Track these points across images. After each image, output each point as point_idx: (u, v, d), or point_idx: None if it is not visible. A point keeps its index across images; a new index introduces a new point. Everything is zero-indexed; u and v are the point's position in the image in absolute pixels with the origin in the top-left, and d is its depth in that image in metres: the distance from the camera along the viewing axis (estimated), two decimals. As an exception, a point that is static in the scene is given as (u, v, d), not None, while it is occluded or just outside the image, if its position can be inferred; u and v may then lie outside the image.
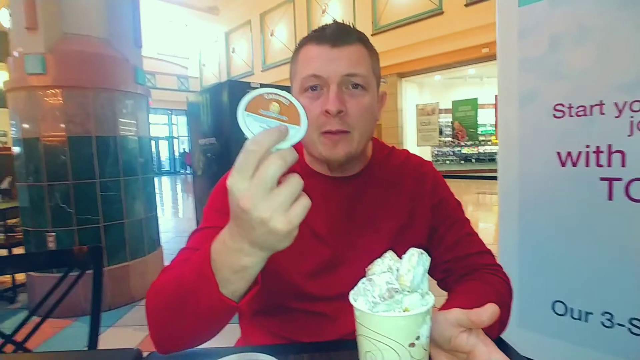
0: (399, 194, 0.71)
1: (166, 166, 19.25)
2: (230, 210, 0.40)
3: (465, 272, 0.68)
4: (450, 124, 12.28)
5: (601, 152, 1.21)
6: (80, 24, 2.46)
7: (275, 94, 0.39)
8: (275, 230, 0.37)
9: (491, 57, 7.52)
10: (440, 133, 11.78)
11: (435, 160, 13.31)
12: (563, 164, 1.29)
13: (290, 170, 0.38)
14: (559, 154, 1.30)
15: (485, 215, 5.84)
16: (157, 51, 16.19)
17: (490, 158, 12.85)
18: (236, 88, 3.45)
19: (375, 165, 0.73)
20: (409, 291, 0.40)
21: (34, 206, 2.40)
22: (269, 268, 0.45)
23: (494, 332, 0.55)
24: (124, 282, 2.60)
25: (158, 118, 17.90)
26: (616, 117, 1.17)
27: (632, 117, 1.14)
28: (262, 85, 3.51)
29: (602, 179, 1.21)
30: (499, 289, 0.63)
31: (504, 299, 0.63)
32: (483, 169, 11.66)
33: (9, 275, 2.71)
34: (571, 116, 1.27)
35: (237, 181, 0.37)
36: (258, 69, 14.23)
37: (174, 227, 5.62)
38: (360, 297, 0.41)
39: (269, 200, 0.37)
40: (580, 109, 1.24)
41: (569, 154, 1.28)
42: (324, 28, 0.65)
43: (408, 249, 0.43)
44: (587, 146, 1.24)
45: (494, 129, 12.94)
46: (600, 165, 1.21)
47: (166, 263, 3.05)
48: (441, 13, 8.85)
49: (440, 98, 11.76)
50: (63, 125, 2.36)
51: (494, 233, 4.32)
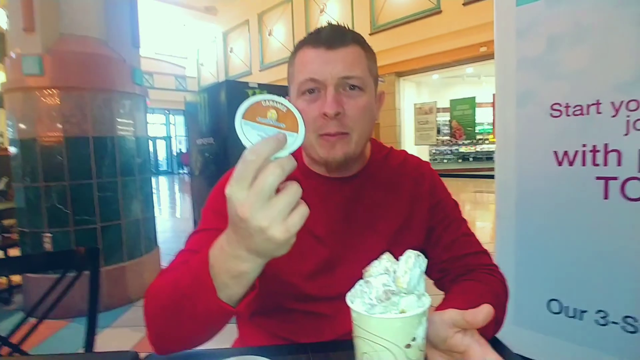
0: (398, 195, 0.71)
1: (164, 166, 19.23)
2: (229, 218, 0.41)
3: (462, 272, 0.68)
4: (448, 123, 12.31)
5: (597, 151, 1.21)
6: (77, 24, 2.45)
7: (273, 101, 0.39)
8: (274, 238, 0.38)
9: (489, 56, 7.53)
10: (438, 132, 11.80)
11: (433, 159, 13.33)
12: (560, 163, 1.30)
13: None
14: (555, 153, 1.31)
15: (482, 214, 5.86)
16: (155, 51, 16.14)
17: (488, 157, 12.86)
18: (234, 88, 3.44)
19: (373, 166, 0.73)
20: (405, 293, 0.40)
21: (30, 207, 2.39)
22: (267, 269, 0.45)
23: (490, 332, 0.56)
24: (121, 283, 2.59)
25: (156, 118, 17.87)
26: (612, 117, 1.18)
27: (629, 117, 1.15)
28: (260, 85, 3.50)
29: (598, 178, 1.22)
30: (495, 289, 0.64)
31: (500, 299, 0.63)
32: (480, 167, 11.67)
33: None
34: (568, 115, 1.27)
35: (236, 190, 0.38)
36: (256, 68, 14.21)
37: (171, 227, 5.61)
38: (357, 299, 0.41)
39: (267, 209, 0.37)
40: (577, 108, 1.25)
41: (566, 153, 1.28)
42: (319, 31, 0.65)
43: (405, 251, 0.43)
44: (584, 145, 1.24)
45: (492, 128, 12.98)
46: (597, 165, 1.22)
47: (163, 263, 3.04)
48: (439, 12, 8.85)
49: (438, 97, 11.78)
50: (60, 126, 2.35)
51: (491, 232, 4.33)
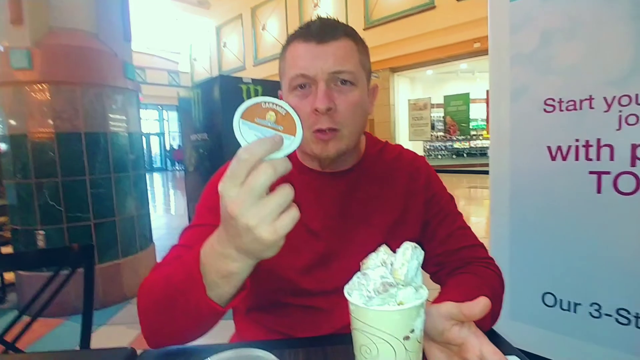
0: (393, 188, 0.71)
1: (157, 162, 19.08)
2: (221, 215, 0.41)
3: (458, 266, 0.69)
4: (442, 119, 12.36)
5: (590, 146, 1.23)
6: (67, 17, 2.40)
7: (273, 103, 0.39)
8: (261, 238, 0.38)
9: (483, 52, 7.56)
10: (432, 128, 11.85)
11: (428, 155, 13.39)
12: (553, 158, 1.31)
13: None
14: (549, 148, 1.32)
15: (477, 209, 5.91)
16: (147, 46, 15.94)
17: (482, 152, 12.97)
18: (228, 83, 3.41)
19: (368, 160, 0.73)
20: (403, 285, 0.40)
21: (22, 204, 2.36)
22: (263, 264, 0.45)
23: (487, 325, 0.56)
24: (116, 280, 2.58)
25: (149, 114, 17.68)
26: (605, 112, 1.19)
27: (621, 112, 1.16)
28: (254, 80, 3.48)
29: (591, 172, 1.23)
30: (491, 282, 0.64)
31: (496, 292, 0.64)
32: (474, 163, 11.77)
33: (-3, 275, 2.66)
34: (561, 110, 1.28)
35: (228, 187, 0.38)
36: (250, 63, 14.10)
37: (165, 224, 5.58)
38: (354, 292, 0.41)
39: (257, 208, 0.37)
40: (570, 103, 1.26)
41: (559, 148, 1.29)
42: (309, 24, 0.64)
43: (402, 243, 0.43)
44: (577, 140, 1.25)
45: (486, 123, 13.05)
46: (590, 159, 1.23)
47: (158, 260, 3.03)
48: (433, 8, 8.85)
49: (432, 93, 11.80)
50: (51, 122, 2.31)
51: (485, 226, 4.37)
